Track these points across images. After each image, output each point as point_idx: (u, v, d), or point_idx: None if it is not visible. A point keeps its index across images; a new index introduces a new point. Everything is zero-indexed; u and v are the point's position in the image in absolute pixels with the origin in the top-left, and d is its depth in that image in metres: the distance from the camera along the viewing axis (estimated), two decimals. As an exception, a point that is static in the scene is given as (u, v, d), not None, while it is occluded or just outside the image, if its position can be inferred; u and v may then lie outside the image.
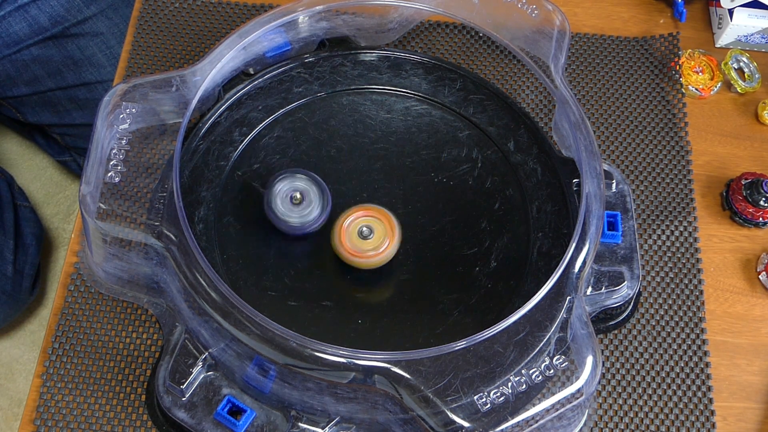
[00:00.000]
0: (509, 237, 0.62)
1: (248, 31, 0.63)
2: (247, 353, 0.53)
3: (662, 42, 0.78)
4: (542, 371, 0.54)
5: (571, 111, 0.62)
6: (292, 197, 0.58)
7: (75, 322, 0.62)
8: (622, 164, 0.72)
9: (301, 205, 0.59)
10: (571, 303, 0.56)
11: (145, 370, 0.61)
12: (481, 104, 0.68)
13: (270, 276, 0.59)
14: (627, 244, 0.62)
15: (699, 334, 0.65)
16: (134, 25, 0.76)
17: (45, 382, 0.60)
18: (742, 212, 0.69)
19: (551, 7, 0.67)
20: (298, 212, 0.59)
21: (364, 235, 0.58)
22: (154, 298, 0.60)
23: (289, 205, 0.58)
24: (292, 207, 0.59)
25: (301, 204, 0.59)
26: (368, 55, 0.70)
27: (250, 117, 0.66)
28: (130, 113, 0.60)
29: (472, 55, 0.76)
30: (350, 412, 0.55)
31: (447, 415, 0.51)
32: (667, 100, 0.75)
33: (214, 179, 0.63)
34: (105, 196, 0.59)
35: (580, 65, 0.77)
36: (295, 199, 0.58)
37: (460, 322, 0.58)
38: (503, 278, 0.60)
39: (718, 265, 0.69)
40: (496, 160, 0.66)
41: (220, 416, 0.55)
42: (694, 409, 0.62)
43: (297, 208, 0.59)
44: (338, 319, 0.58)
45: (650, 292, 0.67)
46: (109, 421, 0.59)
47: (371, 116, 0.67)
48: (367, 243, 0.58)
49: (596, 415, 0.62)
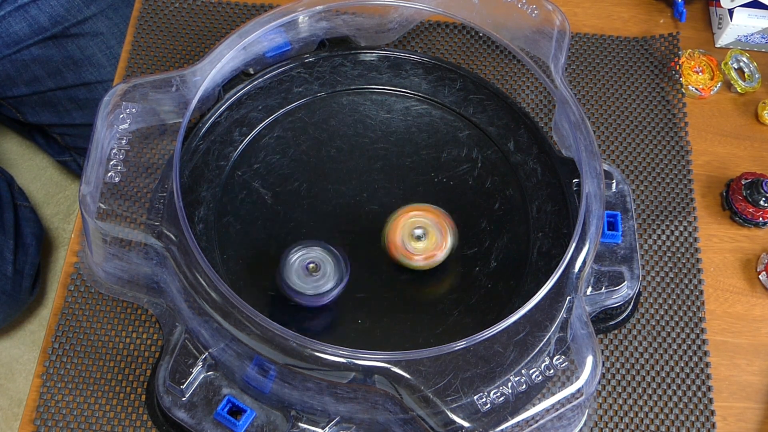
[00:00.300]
0: (509, 237, 0.62)
1: (248, 31, 0.63)
2: (247, 353, 0.53)
3: (662, 42, 0.78)
4: (542, 371, 0.54)
5: (571, 111, 0.62)
6: (308, 266, 0.55)
7: (75, 322, 0.62)
8: (622, 164, 0.72)
9: (316, 275, 0.56)
10: (571, 303, 0.56)
11: (145, 370, 0.61)
12: (481, 104, 0.68)
13: (270, 276, 0.59)
14: (627, 244, 0.62)
15: (699, 334, 0.65)
16: (134, 25, 0.76)
17: (45, 382, 0.60)
18: (742, 212, 0.69)
19: (551, 7, 0.67)
20: (312, 282, 0.55)
21: (417, 236, 0.58)
22: (154, 298, 0.60)
23: (304, 275, 0.55)
24: (307, 277, 0.56)
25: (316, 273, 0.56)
26: (368, 55, 0.70)
27: (250, 117, 0.66)
28: (130, 113, 0.60)
29: (472, 55, 0.76)
30: (350, 412, 0.55)
31: (447, 415, 0.51)
32: (667, 100, 0.75)
33: (214, 179, 0.63)
34: (105, 196, 0.59)
35: (580, 65, 0.77)
36: (310, 269, 0.55)
37: (460, 322, 0.58)
38: (503, 278, 0.60)
39: (718, 265, 0.69)
40: (496, 160, 0.66)
41: (220, 416, 0.55)
42: (694, 409, 0.62)
43: (312, 278, 0.56)
44: (338, 319, 0.58)
45: (650, 292, 0.67)
46: (109, 421, 0.59)
47: (371, 116, 0.67)
48: (419, 244, 0.58)
49: (596, 415, 0.62)
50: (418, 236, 0.58)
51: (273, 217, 0.62)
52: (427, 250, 0.58)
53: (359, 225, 0.62)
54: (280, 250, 0.60)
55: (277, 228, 0.61)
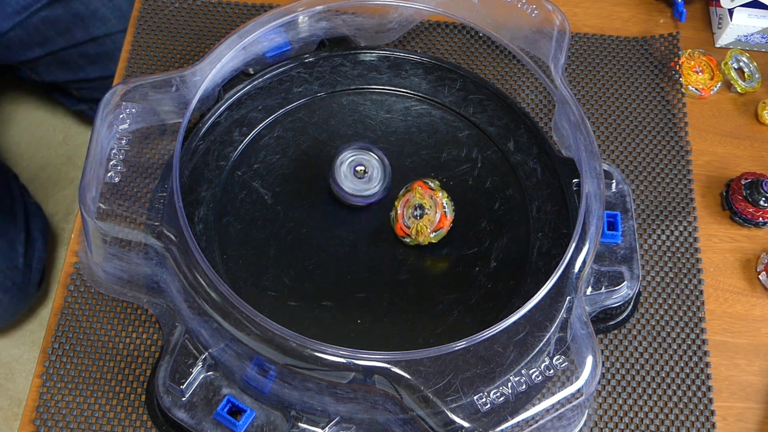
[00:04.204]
0: (509, 237, 0.62)
1: (248, 31, 0.63)
2: (247, 353, 0.53)
3: (662, 42, 0.78)
4: (542, 371, 0.54)
5: (571, 111, 0.62)
6: (356, 170, 0.61)
7: (75, 322, 0.62)
8: (622, 164, 0.72)
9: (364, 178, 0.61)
10: (571, 303, 0.56)
11: (145, 370, 0.61)
12: (481, 104, 0.68)
13: (270, 276, 0.59)
14: (627, 244, 0.62)
15: (699, 334, 0.65)
16: (134, 25, 0.76)
17: (45, 382, 0.60)
18: (742, 212, 0.69)
19: (551, 7, 0.67)
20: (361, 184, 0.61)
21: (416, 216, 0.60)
22: (154, 298, 0.60)
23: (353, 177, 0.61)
24: (356, 179, 0.61)
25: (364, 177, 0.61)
26: (368, 55, 0.70)
27: (250, 117, 0.66)
28: (130, 113, 0.60)
29: (472, 55, 0.76)
30: (350, 412, 0.55)
31: (447, 415, 0.51)
32: (667, 100, 0.75)
33: (214, 179, 0.63)
34: (105, 196, 0.59)
35: (580, 65, 0.77)
36: (358, 172, 0.61)
37: (460, 322, 0.58)
38: (503, 278, 0.60)
39: (718, 265, 0.69)
40: (496, 160, 0.66)
41: (220, 416, 0.55)
42: (694, 409, 0.62)
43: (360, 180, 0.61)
44: (338, 319, 0.58)
45: (650, 292, 0.67)
46: (109, 421, 0.59)
47: (371, 116, 0.67)
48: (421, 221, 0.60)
49: (596, 415, 0.62)
50: (417, 214, 0.59)
51: (273, 217, 0.62)
52: (432, 224, 0.60)
53: (359, 225, 0.62)
54: (280, 250, 0.60)
55: (277, 228, 0.61)
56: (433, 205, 0.59)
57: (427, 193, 0.61)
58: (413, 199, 0.61)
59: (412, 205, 0.60)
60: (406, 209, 0.60)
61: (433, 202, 0.60)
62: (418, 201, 0.60)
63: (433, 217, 0.59)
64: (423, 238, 0.60)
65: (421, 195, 0.60)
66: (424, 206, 0.60)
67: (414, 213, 0.60)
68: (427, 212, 0.59)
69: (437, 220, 0.59)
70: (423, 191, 0.61)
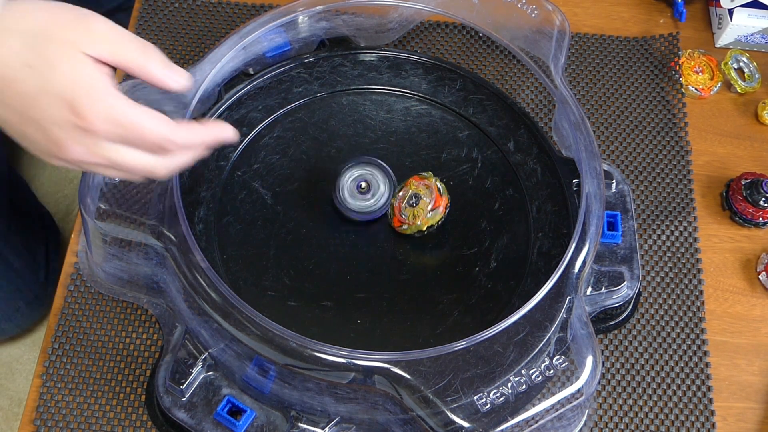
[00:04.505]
0: (509, 237, 0.62)
1: (248, 31, 0.63)
2: (247, 353, 0.53)
3: (662, 42, 0.78)
4: (542, 371, 0.53)
5: (571, 111, 0.62)
6: (359, 186, 0.61)
7: (75, 322, 0.62)
8: (622, 164, 0.72)
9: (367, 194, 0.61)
10: (571, 303, 0.56)
11: (145, 370, 0.61)
12: (481, 104, 0.68)
13: (270, 276, 0.59)
14: (627, 244, 0.62)
15: (699, 334, 0.65)
16: (134, 25, 0.76)
17: (45, 382, 0.60)
18: (742, 212, 0.69)
19: (551, 7, 0.67)
20: (363, 200, 0.61)
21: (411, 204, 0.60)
22: (154, 298, 0.60)
23: (356, 193, 0.61)
24: (359, 195, 0.61)
25: (367, 192, 0.61)
26: (368, 55, 0.70)
27: (250, 117, 0.66)
28: (130, 113, 0.60)
29: (472, 55, 0.76)
30: (350, 413, 0.55)
31: (447, 415, 0.51)
32: (667, 100, 0.75)
33: (214, 179, 0.63)
34: (105, 196, 0.59)
35: (580, 65, 0.77)
36: (361, 187, 0.61)
37: (460, 322, 0.58)
38: (503, 278, 0.60)
39: (718, 265, 0.69)
40: (496, 160, 0.66)
41: (220, 416, 0.55)
42: (694, 409, 0.62)
43: (363, 196, 0.61)
44: (338, 319, 0.58)
45: (650, 292, 0.67)
46: (109, 421, 0.59)
47: (371, 116, 0.67)
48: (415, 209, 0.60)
49: (596, 415, 0.62)
50: (413, 203, 0.60)
51: (273, 217, 0.62)
52: (427, 205, 0.60)
53: (359, 225, 0.62)
54: (280, 250, 0.60)
55: (277, 228, 0.61)
56: (427, 192, 0.60)
57: (421, 183, 0.61)
58: (408, 192, 0.61)
59: (407, 197, 0.60)
60: (402, 203, 0.61)
61: (428, 189, 0.60)
62: (413, 191, 0.60)
63: (428, 199, 0.59)
64: (421, 221, 0.60)
65: (416, 186, 0.61)
66: (419, 194, 0.60)
67: (410, 202, 0.60)
68: (423, 198, 0.60)
69: (433, 200, 0.59)
70: (417, 182, 0.61)
